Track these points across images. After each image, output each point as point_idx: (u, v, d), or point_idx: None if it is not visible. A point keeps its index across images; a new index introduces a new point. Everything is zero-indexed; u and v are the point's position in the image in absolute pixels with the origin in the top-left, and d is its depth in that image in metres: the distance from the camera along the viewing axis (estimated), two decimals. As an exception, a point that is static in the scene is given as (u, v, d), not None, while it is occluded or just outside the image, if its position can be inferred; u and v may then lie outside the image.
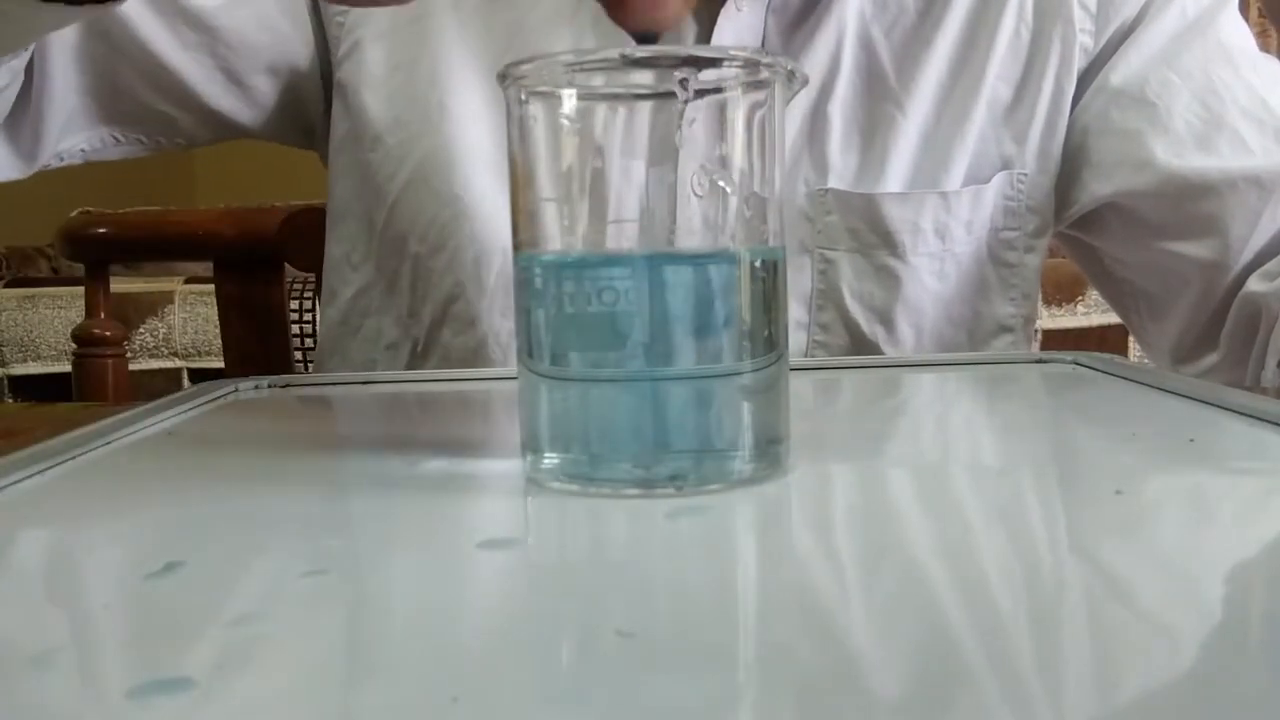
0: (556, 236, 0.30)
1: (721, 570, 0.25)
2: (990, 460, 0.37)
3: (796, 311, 0.65)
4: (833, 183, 0.64)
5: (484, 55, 0.64)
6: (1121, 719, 0.16)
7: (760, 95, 0.30)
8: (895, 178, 0.64)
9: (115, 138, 0.67)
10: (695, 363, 0.29)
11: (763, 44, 0.64)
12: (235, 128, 0.69)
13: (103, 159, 0.68)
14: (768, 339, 0.30)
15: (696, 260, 0.30)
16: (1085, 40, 0.65)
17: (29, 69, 0.60)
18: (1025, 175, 0.66)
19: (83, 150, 0.67)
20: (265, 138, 0.71)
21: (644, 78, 0.30)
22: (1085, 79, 0.66)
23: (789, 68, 0.30)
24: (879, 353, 0.65)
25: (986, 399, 0.50)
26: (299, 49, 0.66)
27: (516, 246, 0.31)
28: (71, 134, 0.65)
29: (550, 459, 0.30)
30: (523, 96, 0.30)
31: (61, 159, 0.66)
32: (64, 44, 0.61)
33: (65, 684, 0.19)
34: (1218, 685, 0.17)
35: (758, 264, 0.30)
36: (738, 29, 0.63)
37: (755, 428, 0.30)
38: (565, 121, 0.30)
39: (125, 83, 0.64)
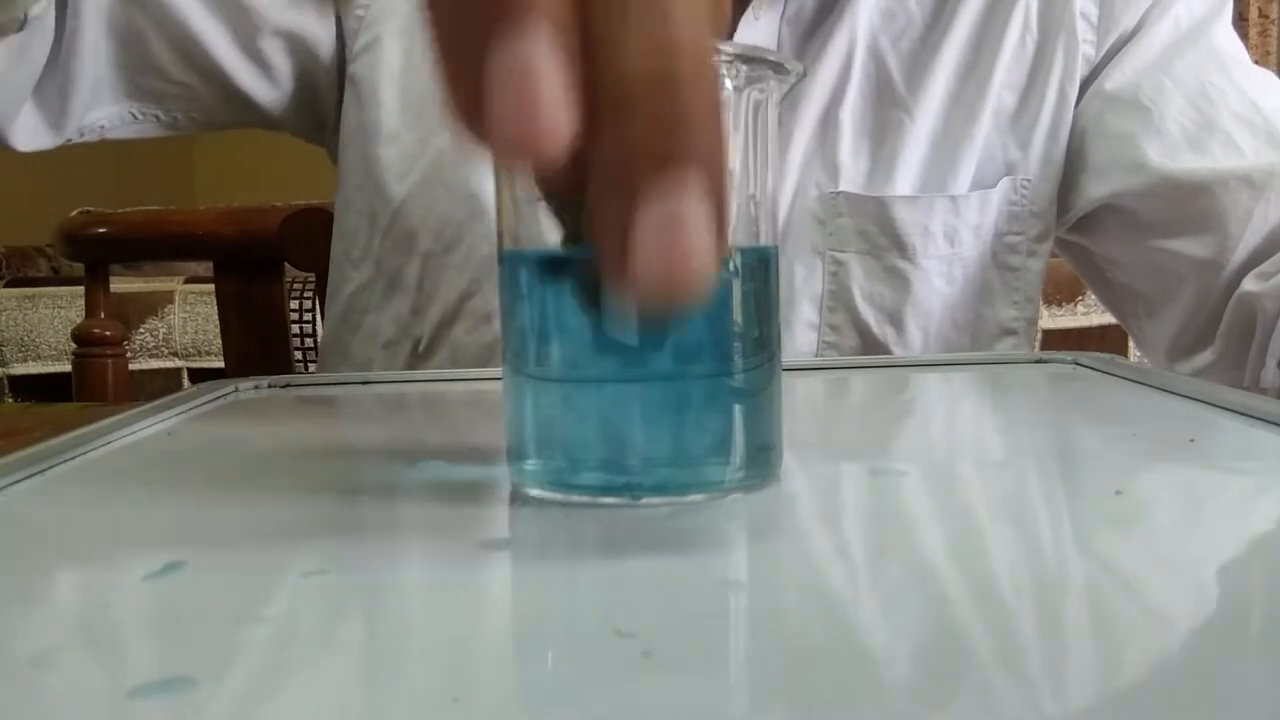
0: (541, 235, 0.29)
1: (719, 572, 0.25)
2: (990, 460, 0.37)
3: (808, 313, 0.66)
4: (844, 186, 0.65)
5: None
6: (1121, 715, 0.16)
7: (757, 93, 0.30)
8: (905, 181, 0.66)
9: (133, 114, 0.68)
10: (682, 365, 0.28)
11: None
12: (253, 108, 0.69)
13: (117, 137, 0.69)
14: (758, 340, 0.29)
15: None
16: (1087, 50, 0.67)
17: (60, 35, 0.61)
18: (1029, 181, 0.67)
19: (102, 126, 0.67)
20: (280, 126, 0.71)
21: None
22: (1085, 87, 0.68)
23: (779, 62, 0.30)
24: (888, 354, 0.66)
25: (987, 399, 0.50)
26: (321, 35, 0.67)
27: (500, 245, 0.31)
28: (96, 107, 0.66)
29: (533, 464, 0.29)
30: None
31: (83, 134, 0.67)
32: (98, 10, 0.61)
33: (65, 684, 0.19)
34: (1217, 682, 0.17)
35: (748, 264, 0.29)
36: (755, 38, 0.64)
37: (745, 432, 0.29)
38: None
39: (153, 54, 0.65)
